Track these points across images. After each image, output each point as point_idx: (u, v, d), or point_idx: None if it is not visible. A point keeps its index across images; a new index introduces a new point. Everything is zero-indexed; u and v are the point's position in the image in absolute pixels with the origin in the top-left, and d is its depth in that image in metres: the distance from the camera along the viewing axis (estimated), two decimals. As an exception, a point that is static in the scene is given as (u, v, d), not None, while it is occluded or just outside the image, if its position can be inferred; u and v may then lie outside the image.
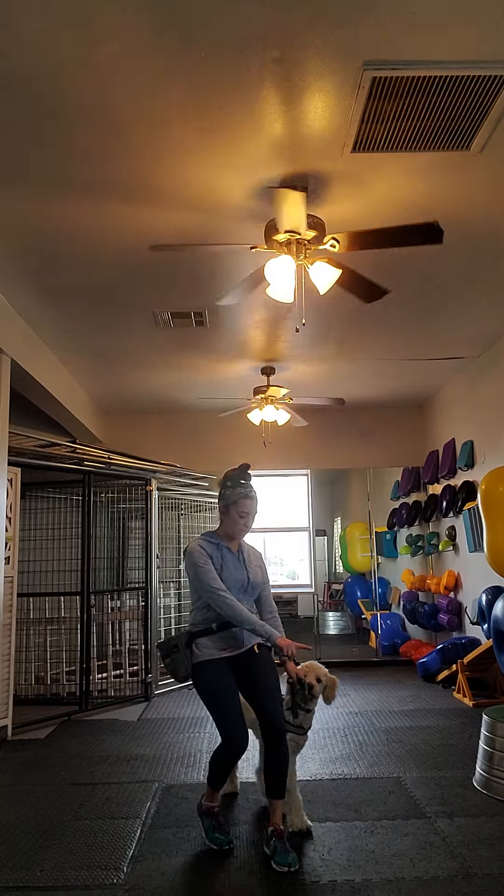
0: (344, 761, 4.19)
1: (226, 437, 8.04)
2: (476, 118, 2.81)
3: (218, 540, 3.20)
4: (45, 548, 6.24)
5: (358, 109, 2.74)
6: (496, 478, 4.96)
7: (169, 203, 3.45)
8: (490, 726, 3.64)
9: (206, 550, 3.11)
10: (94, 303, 4.78)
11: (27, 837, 3.16)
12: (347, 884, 2.68)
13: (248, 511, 3.17)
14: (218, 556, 3.12)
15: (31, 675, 6.13)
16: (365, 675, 7.09)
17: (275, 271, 3.33)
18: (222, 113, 2.76)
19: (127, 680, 6.33)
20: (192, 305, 4.86)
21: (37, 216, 3.55)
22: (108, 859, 2.93)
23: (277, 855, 2.84)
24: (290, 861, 2.81)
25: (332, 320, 5.22)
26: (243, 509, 3.16)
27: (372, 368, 6.61)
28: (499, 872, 2.74)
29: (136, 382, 6.87)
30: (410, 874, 2.73)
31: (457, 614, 6.82)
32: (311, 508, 8.70)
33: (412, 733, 4.76)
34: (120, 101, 2.68)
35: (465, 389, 6.74)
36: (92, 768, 4.15)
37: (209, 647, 3.07)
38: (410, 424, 8.26)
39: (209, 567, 3.06)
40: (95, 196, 3.36)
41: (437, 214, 3.60)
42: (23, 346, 4.98)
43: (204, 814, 3.13)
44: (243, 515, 3.17)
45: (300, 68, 2.52)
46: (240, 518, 3.17)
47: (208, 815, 3.11)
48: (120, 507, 7.24)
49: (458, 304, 4.98)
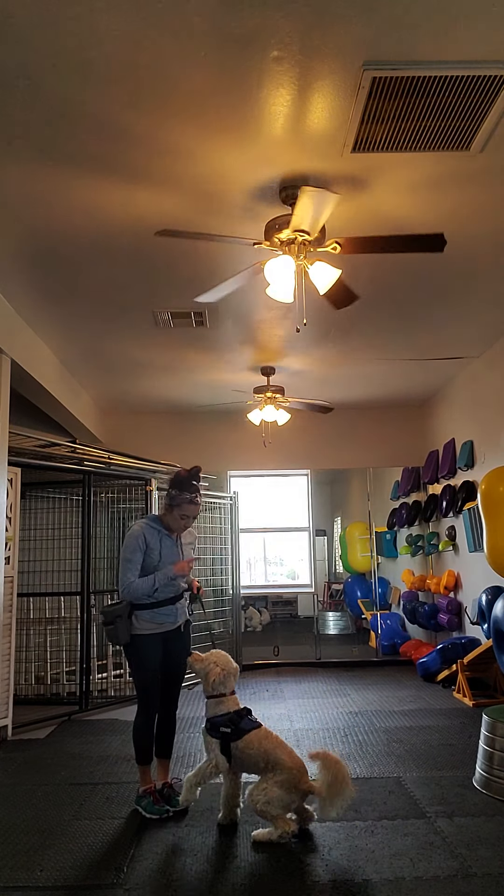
0: (344, 761, 4.18)
1: (226, 437, 8.05)
2: (476, 118, 2.81)
3: (159, 526, 3.53)
4: (45, 548, 6.24)
5: (358, 109, 2.74)
6: (496, 478, 4.96)
7: (169, 203, 3.45)
8: (490, 726, 3.64)
9: (145, 538, 3.45)
10: (95, 303, 4.78)
11: (27, 837, 3.16)
12: (347, 884, 2.68)
13: (189, 514, 3.51)
14: (156, 542, 3.48)
15: (31, 675, 6.13)
16: (365, 675, 7.10)
17: (274, 271, 3.33)
18: (222, 113, 2.76)
19: (127, 680, 6.32)
20: (192, 305, 4.86)
21: (37, 217, 3.55)
22: (108, 859, 2.93)
23: (172, 800, 3.43)
24: (174, 802, 3.40)
25: (333, 320, 5.22)
26: (185, 513, 3.50)
27: (372, 368, 6.61)
28: (499, 872, 2.74)
29: (136, 382, 6.87)
30: (410, 874, 2.73)
31: (457, 614, 6.82)
32: (311, 508, 8.69)
33: (412, 733, 4.76)
34: (118, 106, 2.68)
35: (465, 389, 6.74)
36: (92, 768, 4.15)
37: (147, 620, 3.46)
38: (410, 424, 8.26)
39: (136, 560, 3.42)
40: (95, 197, 3.36)
41: (437, 214, 3.60)
42: (23, 346, 4.98)
43: (141, 797, 3.47)
44: (184, 518, 3.52)
45: (300, 68, 2.52)
46: (181, 519, 3.52)
47: (145, 796, 3.46)
48: (120, 507, 7.24)
49: (457, 304, 4.98)
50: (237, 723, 3.21)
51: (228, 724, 3.20)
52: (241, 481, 8.57)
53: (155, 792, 3.49)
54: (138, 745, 3.52)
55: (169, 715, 3.63)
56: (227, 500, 7.69)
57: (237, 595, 7.67)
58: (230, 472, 8.28)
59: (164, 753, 3.63)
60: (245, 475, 8.50)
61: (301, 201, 2.97)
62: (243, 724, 3.21)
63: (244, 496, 8.23)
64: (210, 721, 3.26)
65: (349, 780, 3.04)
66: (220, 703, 3.28)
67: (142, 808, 3.44)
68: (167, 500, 3.53)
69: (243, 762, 3.18)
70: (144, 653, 3.46)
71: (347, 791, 3.00)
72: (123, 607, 3.44)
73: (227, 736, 3.18)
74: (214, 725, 3.22)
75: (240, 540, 7.86)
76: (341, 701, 5.84)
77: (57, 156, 3.02)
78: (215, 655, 3.37)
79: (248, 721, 3.24)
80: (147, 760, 3.53)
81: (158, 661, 3.50)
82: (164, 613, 3.50)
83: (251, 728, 3.21)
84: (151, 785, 3.52)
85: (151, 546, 3.47)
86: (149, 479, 6.53)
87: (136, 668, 3.51)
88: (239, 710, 3.28)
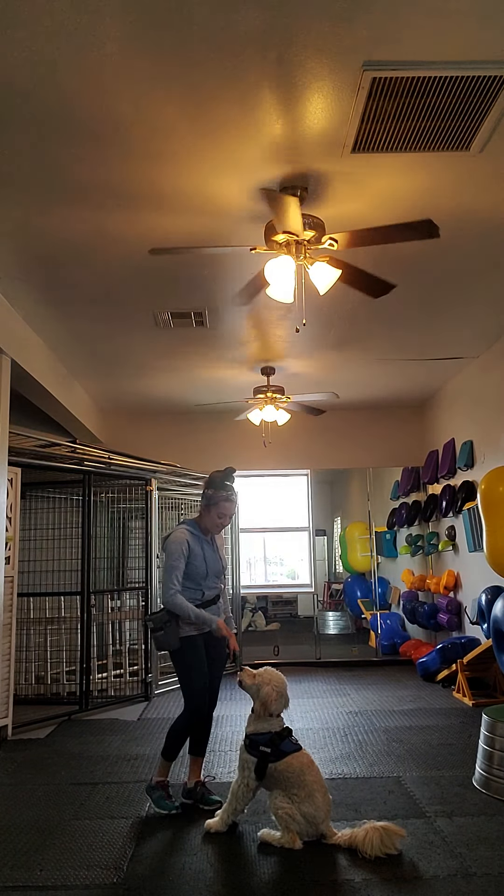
0: (344, 761, 4.19)
1: (226, 436, 8.05)
2: (476, 118, 2.81)
3: (198, 531, 3.57)
4: (45, 548, 6.24)
5: (358, 110, 2.74)
6: (496, 478, 4.97)
7: (169, 203, 3.45)
8: (490, 726, 3.64)
9: (189, 544, 3.48)
10: (95, 303, 4.78)
11: (27, 837, 3.16)
12: (347, 884, 2.68)
13: (226, 513, 3.55)
14: (199, 548, 3.51)
15: (31, 675, 6.13)
16: (365, 674, 7.10)
17: (274, 272, 3.33)
18: (222, 113, 2.76)
19: (127, 680, 6.34)
20: (192, 306, 4.86)
21: (37, 218, 3.55)
22: (107, 859, 2.93)
23: (205, 798, 3.46)
24: (215, 800, 3.43)
25: (333, 320, 5.22)
26: (223, 511, 3.54)
27: (372, 368, 6.61)
28: (499, 872, 2.74)
29: (135, 382, 6.87)
30: (410, 874, 2.73)
31: (456, 614, 6.82)
32: (310, 508, 8.69)
33: (412, 733, 4.76)
34: (118, 104, 2.67)
35: (465, 389, 6.74)
36: (92, 768, 4.15)
37: (191, 623, 3.46)
38: (410, 424, 8.26)
39: (180, 568, 3.44)
40: (95, 197, 3.36)
41: (437, 214, 3.60)
42: (23, 346, 4.98)
43: (153, 788, 3.49)
44: (221, 517, 3.55)
45: (300, 68, 2.52)
46: (218, 518, 3.56)
47: (157, 788, 3.48)
48: (120, 507, 7.24)
49: (458, 304, 4.98)
50: (277, 744, 3.12)
51: (269, 744, 3.12)
52: (241, 481, 8.57)
53: (168, 787, 3.49)
54: (173, 744, 3.51)
55: (208, 714, 3.61)
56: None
57: (237, 595, 7.67)
58: (230, 472, 8.27)
59: (199, 751, 3.61)
60: (245, 475, 8.50)
61: (270, 205, 2.99)
62: (283, 746, 3.11)
63: (244, 496, 8.23)
64: (250, 738, 3.18)
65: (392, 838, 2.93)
66: (264, 721, 3.19)
67: (153, 801, 3.46)
68: (204, 501, 3.57)
69: (276, 781, 3.10)
70: (192, 655, 3.47)
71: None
72: (169, 612, 3.45)
73: (265, 756, 3.11)
74: (254, 743, 3.15)
75: (240, 540, 7.86)
76: (341, 701, 5.85)
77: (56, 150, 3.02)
78: (269, 674, 3.25)
79: (289, 743, 3.15)
80: (174, 757, 3.53)
81: (205, 660, 3.50)
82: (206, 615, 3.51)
83: (291, 751, 3.12)
84: (165, 780, 3.52)
85: (195, 552, 3.49)
86: (149, 479, 6.54)
87: (186, 671, 3.47)
88: (280, 730, 3.18)
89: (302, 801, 3.02)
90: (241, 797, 3.15)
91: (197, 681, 3.46)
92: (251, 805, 3.33)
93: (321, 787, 3.09)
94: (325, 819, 3.04)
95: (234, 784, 3.19)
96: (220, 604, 3.69)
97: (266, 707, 3.18)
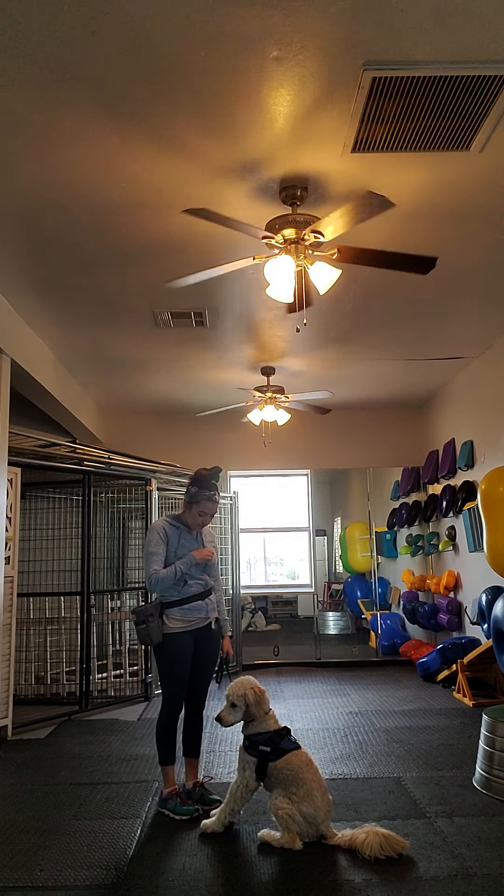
0: (344, 761, 4.19)
1: (226, 436, 8.05)
2: (476, 118, 2.81)
3: (179, 523, 3.61)
4: (45, 548, 6.24)
5: (358, 109, 2.74)
6: (496, 478, 4.96)
7: (169, 203, 3.45)
8: (490, 726, 3.64)
9: (166, 532, 3.54)
10: (95, 303, 4.78)
11: (27, 837, 3.16)
12: (347, 884, 2.68)
13: (207, 512, 3.58)
14: (176, 537, 3.55)
15: (31, 675, 6.13)
16: (365, 675, 7.09)
17: (274, 271, 3.33)
18: (221, 113, 2.76)
19: (127, 680, 6.34)
20: (192, 305, 4.86)
21: (37, 217, 3.55)
22: (108, 859, 2.93)
23: (205, 797, 3.46)
24: (215, 799, 3.43)
25: (333, 320, 5.22)
26: (204, 510, 3.57)
27: (372, 368, 6.61)
28: (499, 872, 2.74)
29: (136, 382, 6.87)
30: (410, 874, 2.73)
31: (457, 614, 6.82)
32: (311, 508, 8.69)
33: (412, 733, 4.76)
34: (118, 102, 2.67)
35: (465, 389, 6.74)
36: (92, 768, 4.15)
37: (178, 619, 3.48)
38: (410, 424, 8.26)
39: (159, 553, 3.48)
40: (95, 197, 3.36)
41: (437, 214, 3.60)
42: (23, 346, 4.98)
43: (167, 800, 3.45)
44: (202, 514, 3.58)
45: (300, 68, 2.52)
46: (199, 516, 3.58)
47: (171, 798, 3.44)
48: (120, 507, 7.24)
49: (457, 304, 4.97)
50: (277, 742, 3.15)
51: (268, 743, 3.15)
52: (241, 481, 8.57)
53: (181, 792, 3.48)
54: (161, 743, 3.51)
55: (197, 714, 3.64)
56: (227, 499, 7.68)
57: (237, 595, 7.67)
58: (230, 472, 8.28)
59: (193, 752, 3.63)
60: (245, 475, 8.50)
61: (346, 206, 2.93)
62: (283, 745, 3.15)
63: (244, 496, 8.23)
64: (249, 738, 3.20)
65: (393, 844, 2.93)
66: (259, 721, 3.22)
67: (169, 811, 3.40)
68: (187, 498, 3.59)
69: (276, 780, 3.12)
70: (175, 650, 3.46)
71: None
72: (154, 606, 3.46)
73: (265, 755, 3.13)
74: (253, 744, 3.17)
75: (240, 540, 7.86)
76: (341, 701, 5.85)
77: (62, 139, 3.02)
78: (237, 684, 3.26)
79: (288, 741, 3.18)
80: (170, 761, 3.52)
81: (189, 659, 3.50)
82: (195, 609, 3.51)
83: (290, 749, 3.15)
84: (175, 787, 3.50)
85: (172, 540, 3.53)
86: (149, 479, 6.53)
87: (165, 665, 3.49)
88: (278, 729, 3.22)
89: (301, 801, 3.01)
90: (240, 798, 3.16)
91: (174, 675, 3.47)
92: (251, 805, 3.34)
93: (320, 787, 3.09)
94: (325, 819, 3.04)
95: (233, 784, 3.19)
96: (210, 601, 3.62)
97: (261, 704, 3.21)
